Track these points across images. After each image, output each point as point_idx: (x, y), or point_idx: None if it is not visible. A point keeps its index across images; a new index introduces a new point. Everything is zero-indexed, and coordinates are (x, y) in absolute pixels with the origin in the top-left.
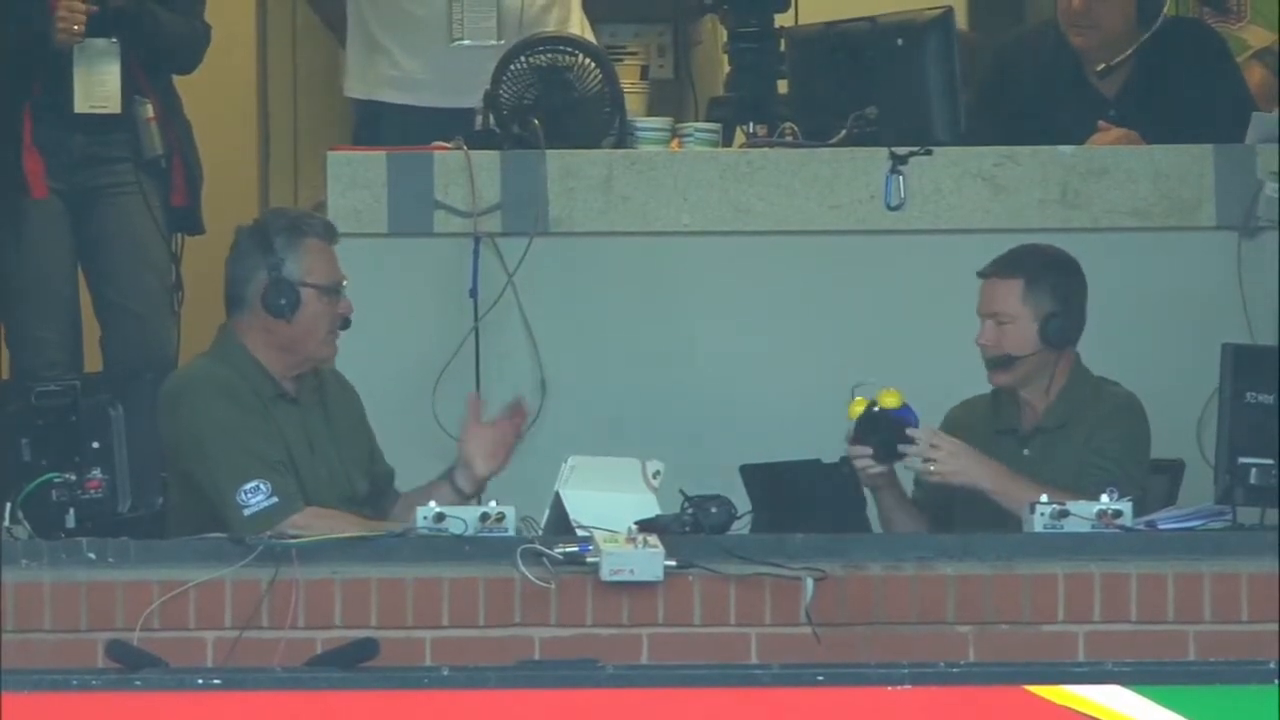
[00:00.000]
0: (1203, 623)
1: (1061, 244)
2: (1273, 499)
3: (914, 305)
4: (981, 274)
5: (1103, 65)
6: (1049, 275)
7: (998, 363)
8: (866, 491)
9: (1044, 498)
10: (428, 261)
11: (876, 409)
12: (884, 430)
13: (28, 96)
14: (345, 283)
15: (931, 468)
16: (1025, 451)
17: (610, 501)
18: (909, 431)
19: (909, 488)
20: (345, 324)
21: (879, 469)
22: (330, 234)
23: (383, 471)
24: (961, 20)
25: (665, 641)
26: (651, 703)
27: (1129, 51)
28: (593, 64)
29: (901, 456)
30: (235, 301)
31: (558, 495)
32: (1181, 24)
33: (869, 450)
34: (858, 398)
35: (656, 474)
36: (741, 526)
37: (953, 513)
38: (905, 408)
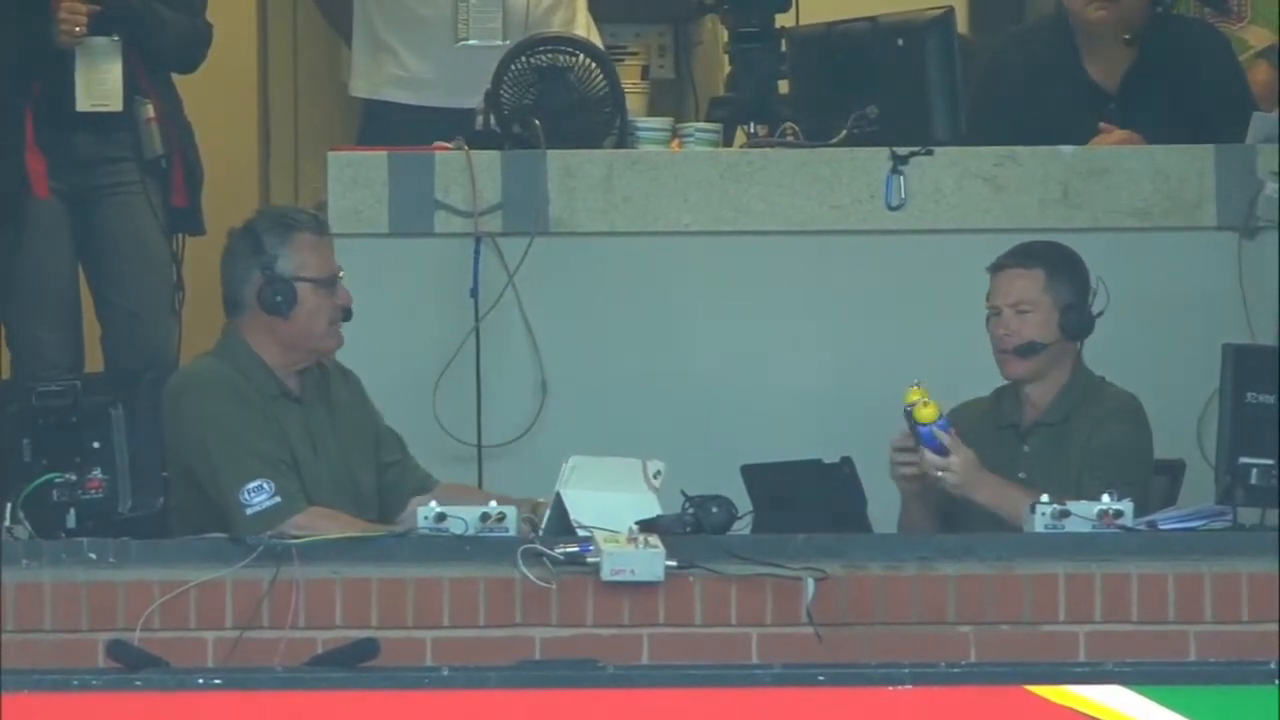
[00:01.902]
0: (1203, 623)
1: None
2: (1273, 499)
3: (914, 305)
4: (995, 266)
5: (1128, 35)
6: (1067, 268)
7: (1020, 351)
8: (866, 491)
9: (1045, 497)
10: (428, 261)
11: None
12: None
13: (29, 96)
14: (342, 274)
15: (945, 476)
16: (1025, 448)
17: (611, 501)
18: (936, 436)
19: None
20: (347, 315)
21: (911, 472)
22: (319, 227)
23: (392, 443)
24: (962, 21)
25: (666, 642)
26: (652, 703)
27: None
28: (593, 64)
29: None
30: (233, 304)
31: (558, 495)
32: (1183, 21)
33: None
34: (928, 402)
35: (657, 474)
36: (742, 526)
37: (954, 513)
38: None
